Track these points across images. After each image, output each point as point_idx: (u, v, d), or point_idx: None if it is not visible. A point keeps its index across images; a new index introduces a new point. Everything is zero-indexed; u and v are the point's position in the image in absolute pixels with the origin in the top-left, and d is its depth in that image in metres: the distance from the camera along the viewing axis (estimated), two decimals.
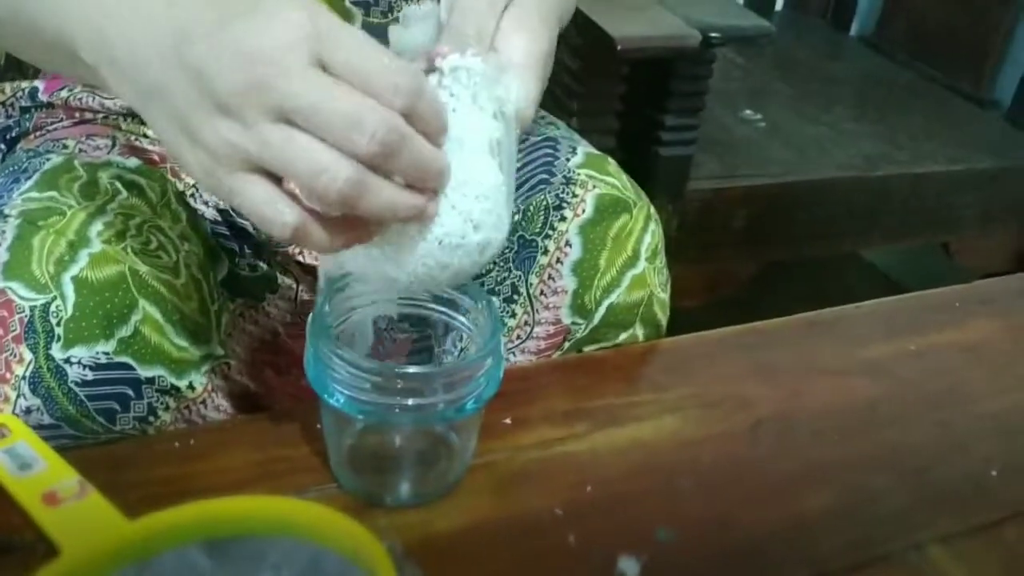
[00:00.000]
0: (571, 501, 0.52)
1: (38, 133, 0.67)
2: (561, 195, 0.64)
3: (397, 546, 0.44)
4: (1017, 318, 0.76)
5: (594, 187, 0.64)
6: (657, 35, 1.01)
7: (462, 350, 0.53)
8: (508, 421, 0.57)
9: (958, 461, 0.59)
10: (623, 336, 0.66)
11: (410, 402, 0.45)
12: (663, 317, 0.68)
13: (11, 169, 0.61)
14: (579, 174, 0.65)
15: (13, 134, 0.69)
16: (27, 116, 0.68)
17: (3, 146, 0.69)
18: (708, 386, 0.63)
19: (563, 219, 0.63)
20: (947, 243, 1.64)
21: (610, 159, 0.68)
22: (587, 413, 0.59)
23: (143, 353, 0.50)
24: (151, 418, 0.52)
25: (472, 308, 0.51)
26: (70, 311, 0.49)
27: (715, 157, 1.40)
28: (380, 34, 0.69)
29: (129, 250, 0.51)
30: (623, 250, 0.64)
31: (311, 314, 0.47)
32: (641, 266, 0.65)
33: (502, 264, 0.64)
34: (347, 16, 0.68)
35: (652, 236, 0.66)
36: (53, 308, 0.49)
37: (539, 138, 0.68)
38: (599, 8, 1.06)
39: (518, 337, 0.65)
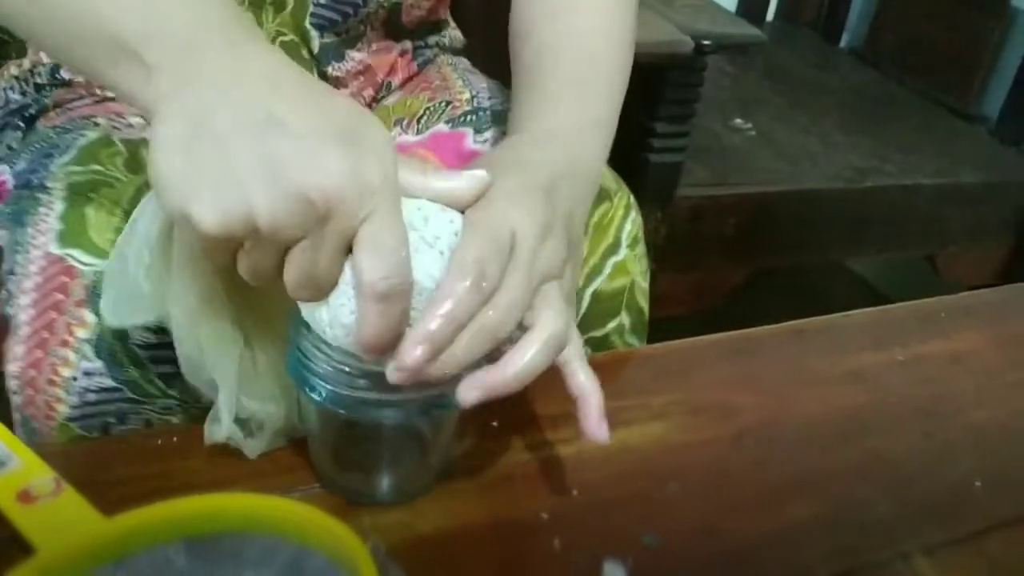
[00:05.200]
0: (557, 505, 0.51)
1: (58, 110, 0.67)
2: None
3: (380, 546, 0.43)
4: (1003, 329, 0.76)
5: None
6: (649, 41, 1.01)
7: None
8: (495, 424, 0.57)
9: (943, 472, 0.59)
10: (611, 324, 0.65)
11: (395, 396, 0.44)
12: (645, 305, 0.68)
13: (40, 145, 0.62)
14: None
15: (32, 111, 0.68)
16: (44, 93, 0.68)
17: (21, 123, 0.69)
18: (694, 393, 0.62)
19: None
20: (933, 257, 1.65)
21: None
22: (574, 417, 0.58)
23: None
24: None
25: None
26: None
27: (705, 165, 1.40)
28: (333, 52, 0.70)
29: None
30: (604, 237, 0.64)
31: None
32: (623, 253, 0.65)
33: None
34: (305, 37, 0.68)
35: (632, 224, 0.66)
36: None
37: None
38: None
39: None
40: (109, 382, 0.51)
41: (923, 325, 0.75)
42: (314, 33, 0.69)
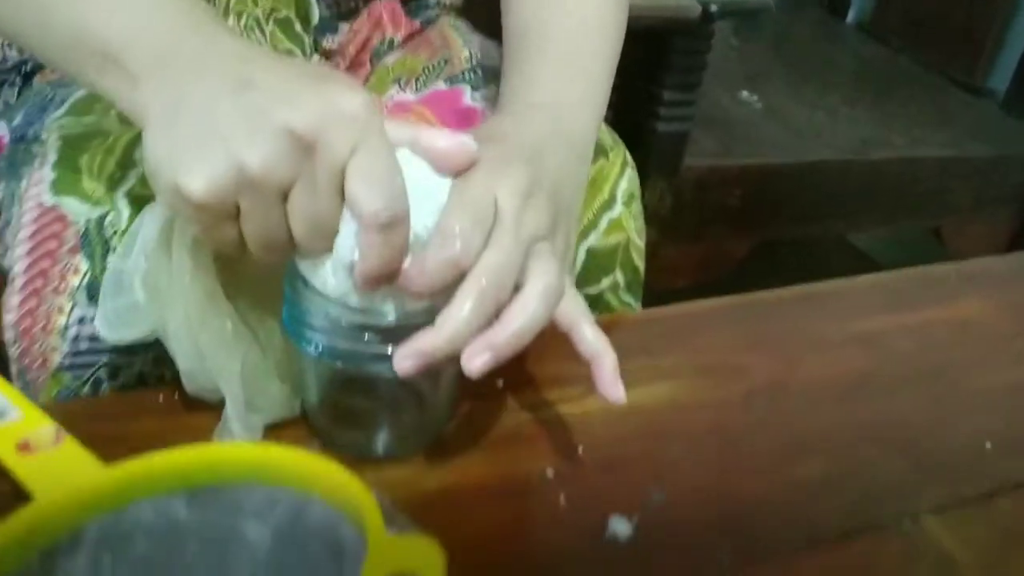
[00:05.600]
0: (563, 463, 0.51)
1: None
2: None
3: (384, 497, 0.42)
4: (1011, 296, 0.75)
5: None
6: (655, 5, 0.99)
7: None
8: (500, 384, 0.56)
9: (951, 434, 0.58)
10: (605, 281, 0.65)
11: (390, 349, 0.44)
12: (640, 264, 0.67)
13: (36, 99, 0.62)
14: None
15: (28, 68, 0.69)
16: None
17: (19, 80, 0.69)
18: (702, 354, 0.62)
19: None
20: (938, 229, 1.64)
21: None
22: (580, 377, 0.57)
23: None
24: None
25: None
26: (124, 224, 0.51)
27: (711, 136, 1.39)
28: (328, 25, 0.69)
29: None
30: (599, 193, 0.63)
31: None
32: (618, 210, 0.64)
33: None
34: (304, 7, 0.67)
35: (628, 182, 0.65)
36: (108, 221, 0.51)
37: None
38: None
39: None
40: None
41: (931, 290, 0.74)
42: (314, 3, 0.68)
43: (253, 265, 0.44)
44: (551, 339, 0.61)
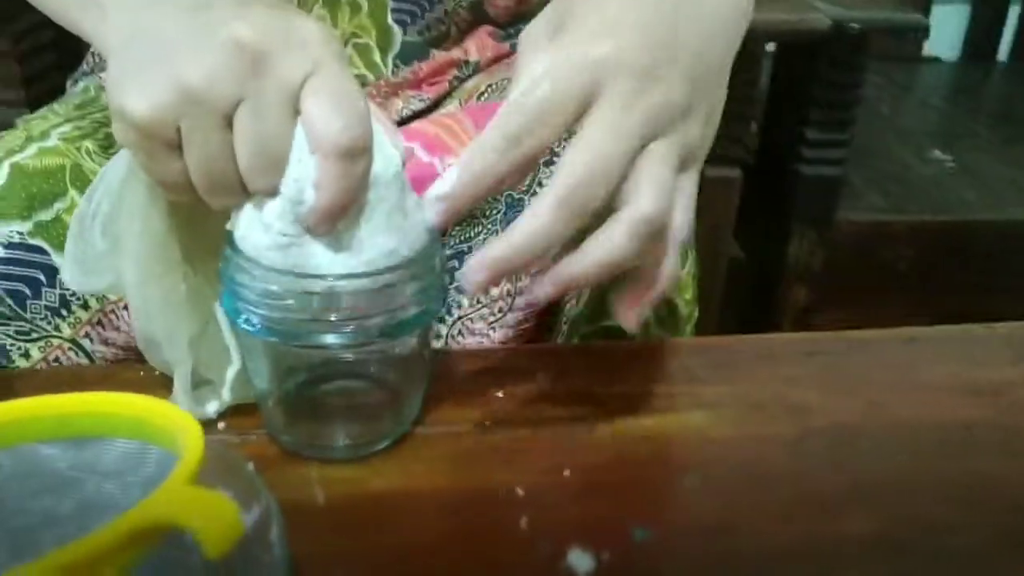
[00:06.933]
0: (539, 483, 0.43)
1: None
2: (555, 148, 0.52)
3: (244, 461, 0.37)
4: None
5: None
6: (778, 19, 0.89)
7: None
8: (500, 394, 0.49)
9: None
10: None
11: (333, 318, 0.39)
12: (679, 298, 0.57)
13: None
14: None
15: None
16: None
17: None
18: (755, 387, 0.52)
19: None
20: None
21: None
22: (598, 398, 0.50)
23: (61, 241, 0.48)
24: (64, 311, 0.50)
25: None
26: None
27: (881, 192, 1.25)
28: (418, 51, 0.67)
29: (85, 150, 0.50)
30: None
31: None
32: None
33: (489, 226, 0.57)
34: (387, 33, 0.66)
35: None
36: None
37: None
38: None
39: (500, 310, 0.56)
40: None
41: None
42: (396, 29, 0.67)
43: (218, 231, 0.42)
44: (576, 360, 0.54)
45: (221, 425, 0.46)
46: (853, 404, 0.51)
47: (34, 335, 0.51)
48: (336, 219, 0.38)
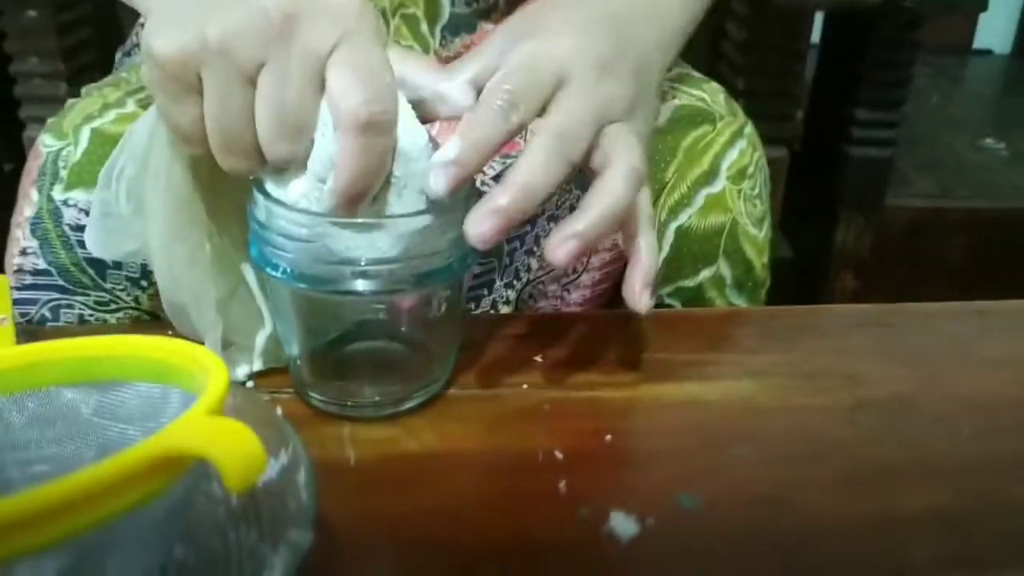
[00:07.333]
0: (579, 446, 0.41)
1: None
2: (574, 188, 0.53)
3: (272, 408, 0.36)
4: None
5: (674, 98, 0.54)
6: None
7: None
8: (539, 359, 0.47)
9: None
10: (705, 273, 0.54)
11: (363, 263, 0.37)
12: (758, 259, 0.55)
13: None
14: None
15: None
16: None
17: None
18: (808, 357, 0.49)
19: None
20: None
21: (715, 83, 0.57)
22: (642, 364, 0.48)
23: None
24: (144, 283, 0.50)
25: None
26: (78, 156, 0.50)
27: (931, 179, 1.21)
28: (466, 22, 0.65)
29: None
30: (697, 164, 0.53)
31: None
32: (720, 184, 0.53)
33: (564, 185, 0.55)
34: (435, 4, 0.64)
35: (742, 156, 0.54)
36: (64, 153, 0.50)
37: None
38: None
39: (573, 271, 0.55)
40: (42, 263, 0.50)
41: None
42: (444, 0, 0.65)
43: (240, 197, 0.40)
44: (624, 327, 0.52)
45: (250, 384, 0.44)
46: (912, 375, 0.48)
47: (112, 306, 0.51)
48: (357, 201, 0.36)
